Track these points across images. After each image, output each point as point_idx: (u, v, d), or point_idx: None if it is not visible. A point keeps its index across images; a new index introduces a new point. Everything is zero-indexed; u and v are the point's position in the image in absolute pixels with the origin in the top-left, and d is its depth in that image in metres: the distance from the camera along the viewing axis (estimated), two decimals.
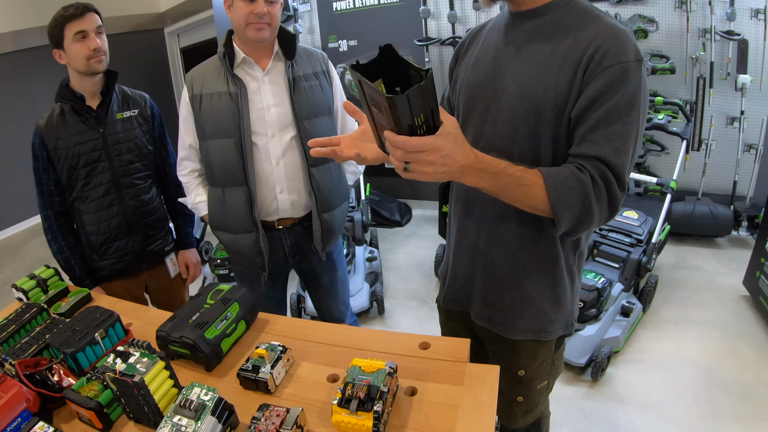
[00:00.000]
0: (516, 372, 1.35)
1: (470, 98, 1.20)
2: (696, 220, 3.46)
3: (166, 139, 2.04)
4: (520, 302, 1.26)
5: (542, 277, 1.23)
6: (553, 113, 1.06)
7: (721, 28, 3.34)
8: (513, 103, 1.10)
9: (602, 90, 1.00)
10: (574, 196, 1.01)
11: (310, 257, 1.92)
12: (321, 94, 1.77)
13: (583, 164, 1.03)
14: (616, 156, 1.01)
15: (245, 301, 1.25)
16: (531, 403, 1.43)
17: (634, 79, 0.99)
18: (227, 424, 0.95)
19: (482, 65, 1.17)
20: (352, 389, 0.92)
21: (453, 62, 1.32)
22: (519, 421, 1.47)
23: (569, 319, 1.32)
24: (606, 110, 1.00)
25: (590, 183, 1.01)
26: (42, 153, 1.79)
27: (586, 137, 1.03)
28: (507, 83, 1.11)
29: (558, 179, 1.02)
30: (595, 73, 1.00)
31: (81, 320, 1.23)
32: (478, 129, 1.18)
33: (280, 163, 1.73)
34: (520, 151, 1.12)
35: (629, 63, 0.99)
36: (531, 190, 1.02)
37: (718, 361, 2.49)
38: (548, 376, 1.40)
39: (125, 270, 1.97)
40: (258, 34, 1.61)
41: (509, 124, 1.11)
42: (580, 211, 1.02)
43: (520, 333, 1.29)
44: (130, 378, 0.95)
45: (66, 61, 1.74)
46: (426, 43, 3.97)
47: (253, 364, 1.06)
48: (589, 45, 1.01)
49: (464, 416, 0.95)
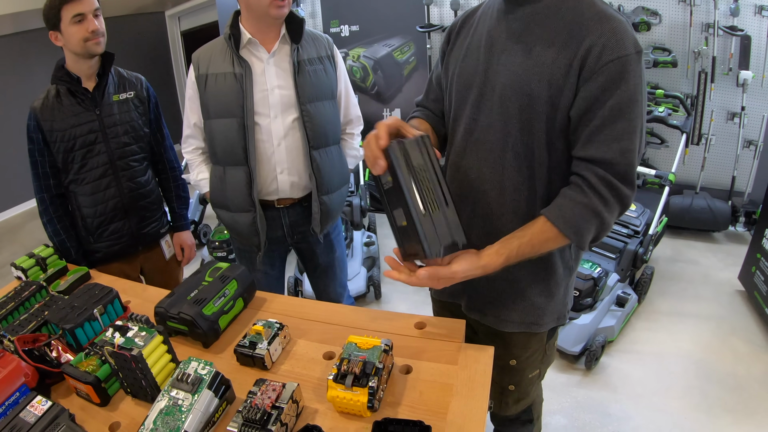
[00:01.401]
0: (507, 361, 1.35)
1: (463, 86, 1.17)
2: (693, 213, 3.47)
3: (161, 121, 2.04)
4: (512, 295, 1.24)
5: (535, 271, 1.21)
6: (548, 105, 1.03)
7: (725, 23, 3.33)
8: (507, 94, 1.07)
9: (603, 87, 0.97)
10: (588, 222, 1.02)
11: (309, 237, 1.93)
12: (325, 78, 1.78)
13: (584, 175, 1.03)
14: (624, 156, 1.00)
15: (243, 279, 1.26)
16: (522, 392, 1.44)
17: (635, 72, 0.97)
18: (224, 398, 0.97)
19: (475, 52, 1.14)
20: (348, 365, 0.93)
21: (445, 43, 1.28)
22: (511, 409, 1.48)
23: (562, 311, 1.31)
24: (609, 109, 0.98)
25: (598, 200, 1.01)
26: (37, 135, 1.78)
27: (592, 138, 1.01)
28: (501, 72, 1.08)
29: (566, 215, 1.03)
30: (595, 70, 0.97)
31: (80, 297, 1.24)
32: (471, 118, 1.16)
33: (281, 144, 1.74)
34: (513, 145, 1.09)
35: (629, 56, 0.96)
36: (547, 243, 1.05)
37: (711, 354, 2.51)
38: (540, 365, 1.40)
39: (121, 252, 1.98)
40: (279, 12, 1.61)
41: (503, 114, 1.09)
42: (598, 228, 1.04)
43: (511, 325, 1.27)
44: (128, 351, 0.96)
45: (62, 43, 1.72)
46: (428, 30, 3.96)
47: (250, 341, 1.07)
48: (586, 37, 0.97)
49: (458, 395, 0.96)
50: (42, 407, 0.93)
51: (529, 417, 1.57)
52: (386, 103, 4.41)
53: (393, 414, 0.93)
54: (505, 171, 1.12)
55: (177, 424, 0.88)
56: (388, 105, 4.42)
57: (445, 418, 0.91)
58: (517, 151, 1.09)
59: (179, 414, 0.89)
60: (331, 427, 0.92)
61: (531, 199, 1.13)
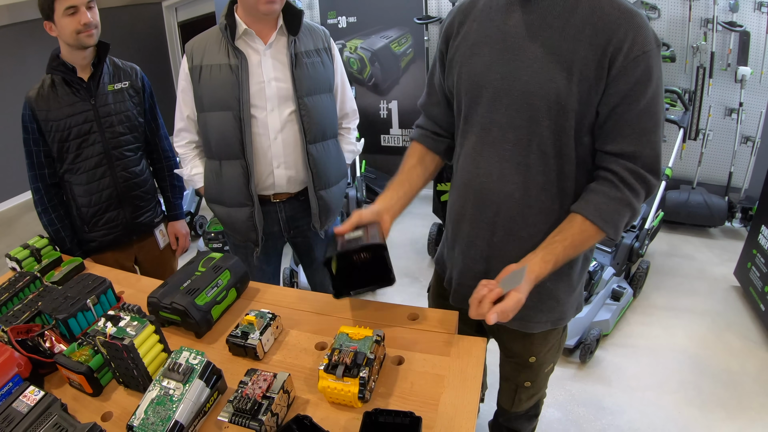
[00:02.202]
0: (527, 359, 1.34)
1: (475, 85, 1.11)
2: (690, 209, 3.47)
3: (156, 111, 2.03)
4: (539, 297, 1.19)
5: (561, 270, 1.14)
6: (577, 102, 1.01)
7: (724, 18, 3.32)
8: (530, 91, 1.03)
9: (632, 84, 0.98)
10: (623, 215, 1.05)
11: (305, 231, 1.92)
12: (322, 71, 1.75)
13: (613, 169, 1.04)
14: (652, 148, 1.03)
15: (236, 269, 1.26)
16: (537, 387, 1.44)
17: (657, 67, 0.99)
18: (215, 388, 0.97)
19: (486, 49, 1.09)
20: (339, 355, 0.93)
21: (443, 44, 1.22)
22: (523, 405, 1.48)
23: (579, 300, 1.32)
24: (638, 104, 0.99)
25: (629, 194, 1.04)
26: (32, 125, 1.78)
27: (622, 133, 1.02)
28: (520, 69, 1.04)
29: (603, 212, 1.04)
30: (624, 66, 0.97)
31: (73, 287, 1.23)
32: (487, 118, 1.11)
33: (278, 138, 1.72)
34: (540, 144, 1.06)
35: (652, 51, 0.97)
36: (588, 241, 1.07)
37: (705, 349, 2.52)
38: (553, 359, 1.40)
39: (115, 242, 1.98)
40: (269, 7, 1.58)
41: (526, 112, 1.05)
42: (630, 217, 1.07)
43: (538, 326, 1.26)
44: (120, 341, 0.96)
45: (56, 33, 1.72)
46: (426, 22, 3.94)
47: (243, 331, 1.07)
48: (614, 32, 0.96)
49: (450, 386, 0.96)
50: (34, 397, 0.93)
51: (536, 411, 1.57)
52: (383, 95, 4.40)
53: (384, 405, 0.93)
54: (530, 170, 1.09)
55: (168, 414, 0.88)
56: (385, 97, 4.41)
57: (437, 409, 0.91)
58: (543, 149, 1.07)
59: (170, 404, 0.89)
60: (322, 417, 0.92)
61: (559, 196, 1.11)
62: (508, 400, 1.49)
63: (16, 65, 4.52)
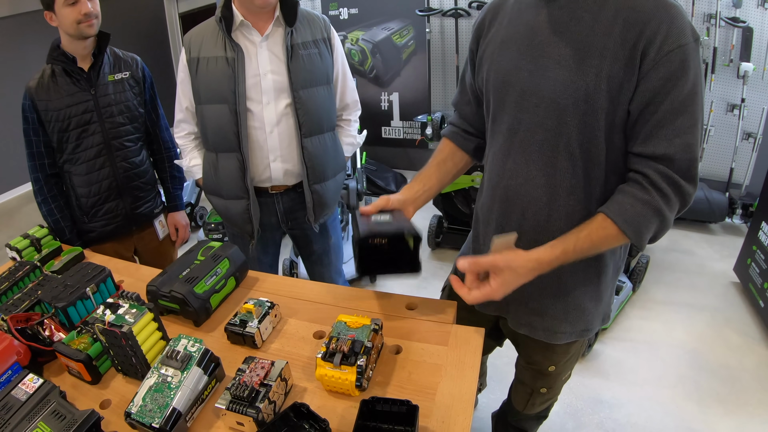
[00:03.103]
0: (546, 367, 1.33)
1: (503, 83, 1.08)
2: (690, 204, 3.46)
3: (156, 101, 2.03)
4: (565, 307, 1.17)
5: (589, 279, 1.15)
6: (606, 101, 0.96)
7: (727, 14, 3.30)
8: (558, 89, 0.99)
9: (665, 79, 0.91)
10: (649, 221, 0.97)
11: (303, 224, 1.91)
12: (320, 63, 1.73)
13: (645, 173, 0.96)
14: (687, 151, 0.94)
15: (235, 258, 1.26)
16: (552, 393, 1.44)
17: (694, 62, 0.91)
18: (213, 375, 0.97)
19: (514, 45, 1.05)
20: (337, 343, 0.93)
21: (474, 43, 1.19)
22: (537, 408, 1.48)
23: (607, 311, 1.26)
24: (671, 102, 0.92)
25: (659, 198, 0.96)
26: (32, 115, 1.78)
27: (654, 133, 0.95)
28: (548, 66, 1.00)
29: (626, 213, 0.97)
30: (656, 60, 0.90)
31: (73, 276, 1.24)
32: (514, 117, 1.07)
33: (274, 131, 1.72)
34: (567, 145, 1.01)
35: (689, 45, 0.90)
36: (606, 241, 0.99)
37: (704, 345, 2.52)
38: (571, 368, 1.39)
39: (115, 232, 1.98)
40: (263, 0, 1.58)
41: (553, 112, 1.01)
42: (658, 227, 0.99)
43: (563, 337, 1.21)
44: (119, 328, 0.96)
45: (57, 23, 1.72)
46: (427, 14, 3.92)
47: (241, 319, 1.07)
48: (646, 25, 0.90)
49: (447, 375, 0.96)
50: (33, 385, 0.93)
51: (547, 413, 1.57)
52: (384, 87, 4.39)
53: (381, 393, 0.93)
54: (557, 173, 1.04)
55: (166, 401, 0.88)
56: (386, 89, 4.40)
57: (434, 398, 0.92)
58: (571, 151, 1.02)
59: (168, 391, 0.89)
60: (319, 405, 0.92)
61: (586, 201, 1.06)
62: (522, 402, 1.48)
63: (16, 57, 4.51)
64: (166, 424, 0.85)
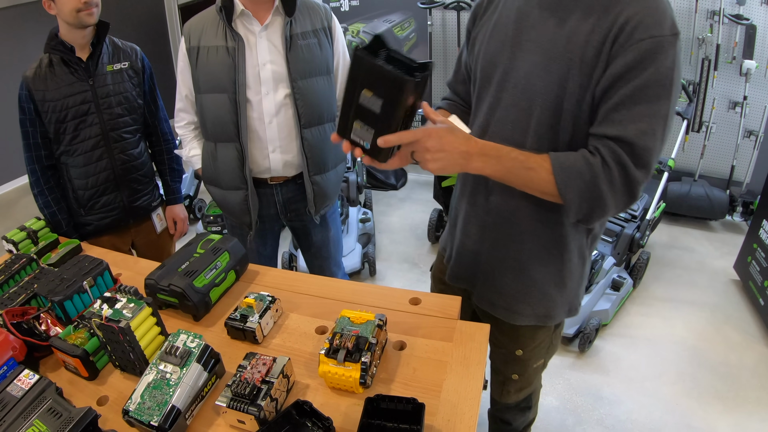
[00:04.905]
0: (513, 351, 1.33)
1: (489, 63, 1.12)
2: (691, 201, 3.46)
3: (156, 92, 2.00)
4: (524, 287, 1.20)
5: (550, 260, 1.17)
6: (577, 86, 0.98)
7: (730, 11, 3.28)
8: (534, 72, 1.02)
9: (630, 65, 0.91)
10: (583, 181, 0.97)
11: (303, 215, 1.90)
12: (319, 53, 1.72)
13: (597, 147, 0.97)
14: (640, 137, 0.93)
15: (235, 251, 1.24)
16: (526, 381, 1.43)
17: (669, 55, 0.91)
18: (213, 372, 0.95)
19: (503, 29, 1.09)
20: (341, 339, 0.91)
21: (470, 23, 1.23)
22: (512, 397, 1.47)
23: (574, 302, 1.27)
24: (633, 88, 0.92)
25: (600, 167, 0.96)
26: (29, 105, 1.74)
27: (609, 116, 0.96)
28: (529, 49, 1.03)
29: (566, 162, 0.98)
30: (625, 47, 0.91)
31: (69, 269, 1.22)
32: (495, 96, 1.11)
33: (273, 122, 1.70)
34: (536, 125, 1.05)
35: (663, 38, 0.90)
36: (537, 174, 0.99)
37: (704, 342, 2.52)
38: (545, 356, 1.39)
39: (112, 225, 1.96)
40: None
41: (527, 93, 1.04)
42: (590, 197, 0.98)
43: (522, 318, 1.24)
44: (116, 323, 0.94)
45: (55, 11, 1.68)
46: (429, 6, 3.90)
47: (242, 314, 1.05)
48: (621, 13, 0.92)
49: (452, 372, 0.95)
50: (29, 381, 0.92)
51: (528, 404, 1.56)
52: None
53: (386, 391, 0.92)
54: None
55: (165, 398, 0.86)
56: None
57: (439, 395, 0.90)
58: (539, 132, 1.05)
59: (167, 388, 0.88)
60: (322, 402, 0.90)
61: None
62: (497, 390, 1.49)
63: (15, 48, 4.47)
64: (165, 422, 0.83)
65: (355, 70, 0.91)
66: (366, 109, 0.92)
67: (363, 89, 0.91)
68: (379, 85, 0.89)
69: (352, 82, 0.92)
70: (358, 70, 0.91)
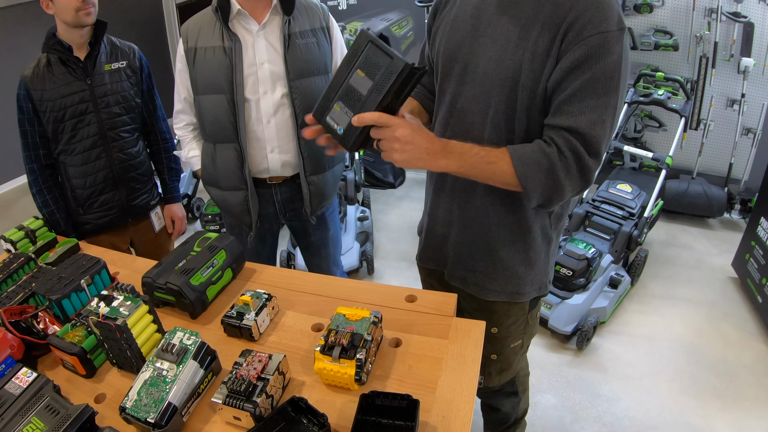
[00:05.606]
0: (489, 329, 1.34)
1: (449, 58, 1.17)
2: (689, 198, 3.46)
3: (154, 92, 2.00)
4: (492, 265, 1.26)
5: (515, 241, 1.23)
6: (530, 79, 1.04)
7: (728, 9, 3.28)
8: (491, 66, 1.08)
9: (580, 60, 0.97)
10: (541, 170, 1.03)
11: (301, 215, 1.90)
12: (317, 53, 1.71)
13: (552, 137, 1.04)
14: (591, 128, 1.00)
15: (232, 250, 1.24)
16: (505, 362, 1.44)
17: (615, 49, 0.97)
18: (209, 369, 0.96)
19: (461, 24, 1.14)
20: (336, 336, 0.92)
21: (431, 18, 1.28)
22: (494, 380, 1.48)
23: (543, 281, 1.33)
24: (583, 81, 0.98)
25: (557, 156, 1.02)
26: (27, 104, 1.75)
27: (562, 108, 1.02)
28: (486, 44, 1.08)
29: (525, 154, 1.04)
30: (574, 43, 0.97)
31: (67, 267, 1.22)
32: (456, 90, 1.17)
33: (271, 122, 1.70)
34: (493, 117, 1.11)
35: (610, 33, 0.96)
36: (498, 166, 1.05)
37: (702, 339, 2.52)
38: (522, 336, 1.41)
39: (110, 224, 1.96)
40: None
41: (485, 86, 1.10)
42: (549, 184, 1.05)
43: (492, 294, 1.30)
44: (113, 321, 0.95)
45: (53, 11, 1.68)
46: (427, 5, 3.89)
47: (238, 311, 1.06)
48: (570, 10, 0.97)
49: (448, 369, 0.95)
50: (27, 379, 0.92)
51: (513, 389, 1.57)
52: None
53: (381, 387, 0.92)
54: (484, 144, 1.10)
55: (161, 395, 0.87)
56: None
57: (434, 392, 0.91)
58: (496, 123, 1.11)
59: (164, 385, 0.88)
60: (317, 399, 0.91)
61: None
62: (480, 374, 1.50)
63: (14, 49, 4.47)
64: (161, 419, 0.84)
65: (357, 47, 0.95)
66: (353, 89, 0.95)
67: (357, 69, 0.94)
68: (375, 65, 0.92)
69: (349, 60, 0.96)
70: (359, 47, 0.94)
